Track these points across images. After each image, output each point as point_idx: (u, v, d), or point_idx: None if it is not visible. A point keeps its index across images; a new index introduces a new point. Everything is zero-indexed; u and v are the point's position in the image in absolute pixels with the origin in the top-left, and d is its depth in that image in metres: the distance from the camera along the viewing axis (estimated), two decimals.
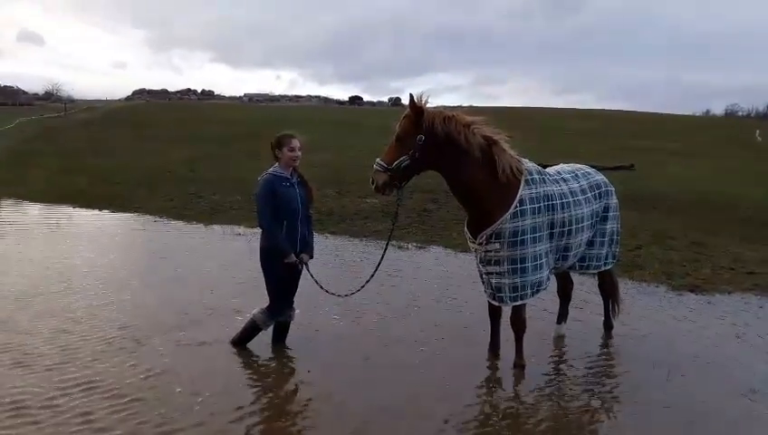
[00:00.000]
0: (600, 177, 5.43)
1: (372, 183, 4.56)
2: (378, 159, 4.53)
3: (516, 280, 4.69)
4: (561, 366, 5.13)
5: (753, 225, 11.54)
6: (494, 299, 4.92)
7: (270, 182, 4.84)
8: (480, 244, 4.72)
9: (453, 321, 6.06)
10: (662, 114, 62.68)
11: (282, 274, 4.93)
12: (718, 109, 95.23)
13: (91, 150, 23.32)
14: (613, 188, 5.48)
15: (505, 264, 4.68)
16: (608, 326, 5.88)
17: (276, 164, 4.96)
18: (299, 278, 5.12)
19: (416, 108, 4.50)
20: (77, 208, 12.44)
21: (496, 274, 4.76)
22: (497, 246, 4.64)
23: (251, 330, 5.11)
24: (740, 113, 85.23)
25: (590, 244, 5.27)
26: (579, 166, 5.49)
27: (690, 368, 5.06)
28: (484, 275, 4.95)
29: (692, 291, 7.32)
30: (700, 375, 4.93)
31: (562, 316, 5.88)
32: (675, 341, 5.70)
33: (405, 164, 4.48)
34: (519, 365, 4.92)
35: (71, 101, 63.53)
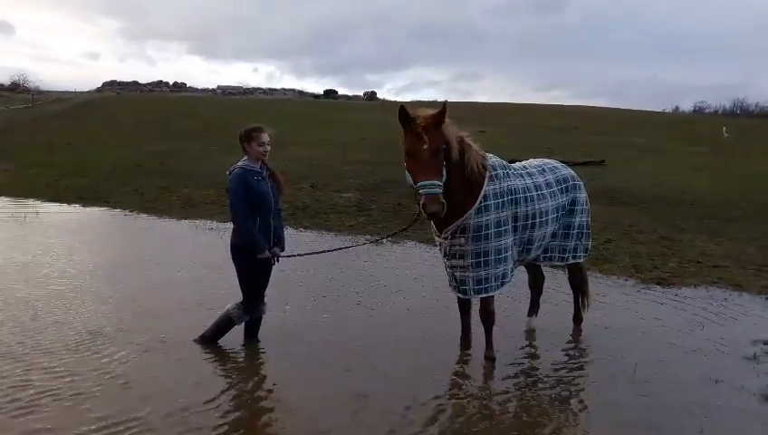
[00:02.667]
0: (567, 171, 5.49)
1: (426, 211, 4.20)
2: (423, 182, 4.19)
3: (480, 273, 4.74)
4: (531, 359, 5.18)
5: (718, 220, 11.82)
6: (458, 292, 4.97)
7: (242, 177, 4.74)
8: (445, 238, 4.76)
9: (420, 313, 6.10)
10: (632, 110, 63.76)
11: (255, 269, 4.89)
12: (687, 106, 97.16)
13: (60, 143, 22.81)
14: (581, 183, 5.54)
15: (469, 257, 4.72)
16: (577, 319, 5.96)
17: (245, 157, 4.87)
18: (269, 274, 5.08)
19: (443, 117, 4.36)
20: (45, 202, 12.17)
21: (460, 267, 4.81)
22: (462, 240, 4.69)
23: (225, 325, 5.06)
24: (707, 110, 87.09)
25: (554, 236, 5.34)
26: (547, 161, 5.56)
27: (657, 360, 5.15)
28: (448, 269, 4.98)
29: (659, 284, 7.48)
30: (667, 367, 5.03)
31: (533, 309, 5.97)
32: (643, 333, 5.80)
33: (445, 178, 4.36)
34: (489, 357, 4.96)
35: (38, 92, 61.82)
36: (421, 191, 4.18)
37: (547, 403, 4.36)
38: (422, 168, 4.22)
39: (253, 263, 4.83)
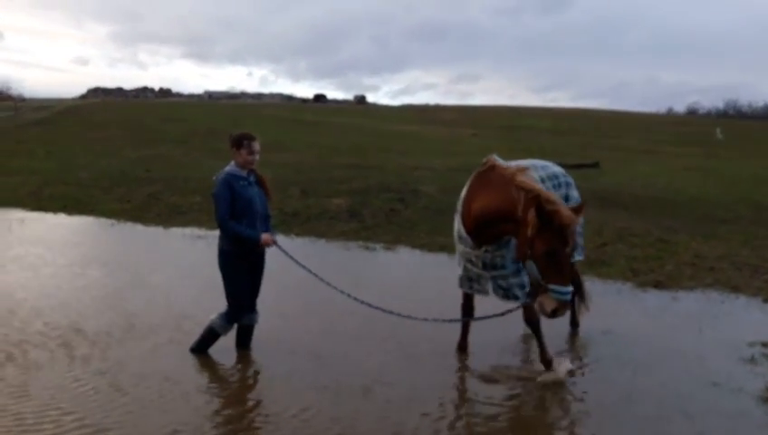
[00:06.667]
0: (557, 168, 5.45)
1: (555, 316, 4.07)
2: (560, 288, 3.98)
3: (523, 278, 4.70)
4: (527, 364, 5.12)
5: (713, 221, 11.80)
6: (507, 298, 4.80)
7: (227, 181, 4.68)
8: (487, 250, 4.65)
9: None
10: (626, 112, 64.22)
11: (240, 277, 4.79)
12: (684, 107, 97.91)
13: (43, 151, 22.47)
14: (572, 181, 5.48)
15: (509, 265, 4.66)
16: (574, 323, 5.89)
17: (232, 162, 4.80)
18: (260, 281, 4.99)
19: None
20: (28, 212, 11.91)
21: (502, 277, 4.72)
22: (504, 251, 4.63)
23: (209, 336, 4.94)
24: (701, 111, 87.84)
25: None
26: (536, 160, 5.48)
27: (655, 363, 5.10)
28: (489, 281, 4.82)
29: (656, 287, 7.42)
30: (665, 370, 4.98)
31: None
32: (641, 337, 5.74)
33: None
34: (548, 362, 4.81)
35: (22, 99, 61.08)
36: (557, 297, 3.98)
37: (543, 408, 4.31)
38: (561, 271, 4.00)
39: (238, 270, 4.75)
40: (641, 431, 4.04)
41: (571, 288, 4.07)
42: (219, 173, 4.78)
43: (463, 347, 5.25)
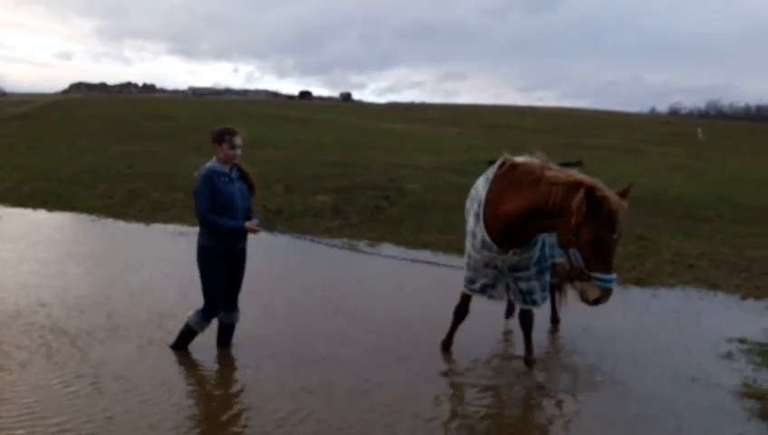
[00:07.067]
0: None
1: (597, 304, 4.04)
2: (605, 276, 3.92)
3: (545, 279, 4.75)
4: (507, 361, 5.15)
5: (694, 220, 11.96)
6: (525, 303, 4.76)
7: (208, 177, 4.61)
8: (515, 254, 4.58)
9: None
10: (610, 111, 64.60)
11: (217, 273, 4.73)
12: (666, 107, 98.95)
13: (24, 146, 22.12)
14: None
15: (533, 267, 4.67)
16: (555, 320, 5.95)
17: (214, 158, 4.73)
18: (241, 279, 4.93)
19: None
20: (7, 208, 11.74)
21: (526, 278, 4.70)
22: (531, 253, 4.61)
23: (187, 332, 4.90)
24: (683, 111, 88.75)
25: None
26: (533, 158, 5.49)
27: (635, 360, 5.17)
28: (510, 283, 4.78)
29: (637, 284, 7.51)
30: (644, 367, 5.04)
31: (510, 311, 5.94)
32: (621, 333, 5.82)
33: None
34: (531, 362, 4.88)
35: (3, 93, 60.01)
36: (602, 286, 3.91)
37: (524, 405, 4.33)
38: (607, 259, 3.92)
39: (216, 267, 4.69)
40: (620, 426, 4.08)
41: (615, 276, 3.96)
42: (200, 169, 4.71)
43: (447, 345, 5.19)
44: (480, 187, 4.77)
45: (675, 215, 12.38)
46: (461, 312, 5.08)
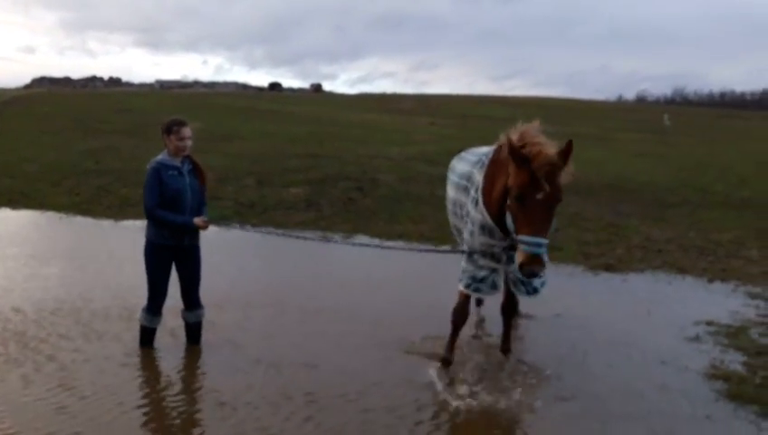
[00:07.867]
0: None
1: (523, 273, 3.73)
2: (526, 238, 3.59)
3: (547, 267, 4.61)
4: (483, 348, 5.19)
5: (662, 206, 12.20)
6: (527, 293, 4.58)
7: (156, 171, 4.52)
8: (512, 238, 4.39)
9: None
10: (579, 100, 65.47)
11: (159, 268, 4.65)
12: (634, 94, 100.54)
13: None
14: None
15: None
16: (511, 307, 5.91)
17: (165, 151, 4.64)
18: (197, 275, 4.82)
19: (568, 159, 3.75)
20: None
21: None
22: None
23: (143, 332, 4.84)
24: (649, 99, 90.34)
25: None
26: (488, 148, 5.41)
27: (605, 343, 5.28)
28: (509, 273, 4.52)
29: (607, 270, 7.64)
30: (615, 351, 5.14)
31: (481, 300, 5.95)
32: (592, 319, 5.92)
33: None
34: (508, 350, 4.90)
35: None
36: (526, 250, 3.60)
37: (496, 391, 4.34)
38: (531, 219, 3.64)
39: (160, 261, 4.62)
40: (589, 409, 4.14)
41: (543, 240, 3.63)
42: (150, 162, 4.60)
43: (449, 361, 4.68)
44: (475, 173, 4.58)
45: (643, 201, 12.62)
46: (461, 314, 4.65)
